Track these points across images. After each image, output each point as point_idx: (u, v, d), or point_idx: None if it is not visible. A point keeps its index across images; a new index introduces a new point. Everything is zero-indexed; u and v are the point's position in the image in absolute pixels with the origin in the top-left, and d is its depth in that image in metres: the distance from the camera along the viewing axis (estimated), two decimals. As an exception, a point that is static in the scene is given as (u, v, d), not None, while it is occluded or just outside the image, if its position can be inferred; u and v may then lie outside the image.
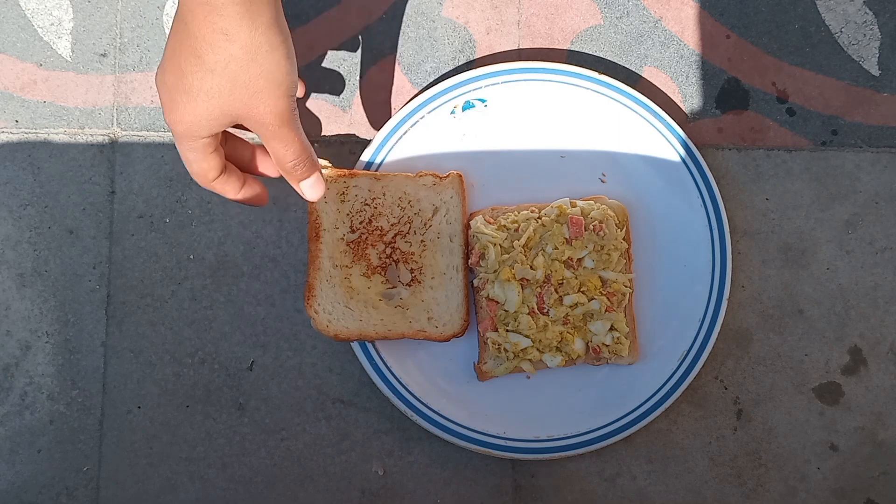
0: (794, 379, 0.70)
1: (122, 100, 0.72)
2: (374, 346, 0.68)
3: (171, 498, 0.69)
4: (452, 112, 0.70)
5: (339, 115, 0.72)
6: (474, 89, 0.70)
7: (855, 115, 0.72)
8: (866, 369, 0.71)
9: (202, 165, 0.59)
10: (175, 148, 0.71)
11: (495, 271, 0.68)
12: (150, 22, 0.72)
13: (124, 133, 0.72)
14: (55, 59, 0.72)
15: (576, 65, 0.70)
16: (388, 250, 0.68)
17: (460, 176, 0.69)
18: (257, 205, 0.64)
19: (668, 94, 0.72)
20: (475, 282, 0.69)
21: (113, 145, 0.71)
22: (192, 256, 0.71)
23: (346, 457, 0.69)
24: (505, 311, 0.68)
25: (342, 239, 0.68)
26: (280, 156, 0.59)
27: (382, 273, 0.68)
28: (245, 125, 0.57)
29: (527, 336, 0.68)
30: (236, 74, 0.54)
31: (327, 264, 0.67)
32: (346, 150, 0.72)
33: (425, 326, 0.67)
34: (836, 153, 0.72)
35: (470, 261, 0.69)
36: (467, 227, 0.69)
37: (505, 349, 0.68)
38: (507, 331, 0.68)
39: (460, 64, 0.72)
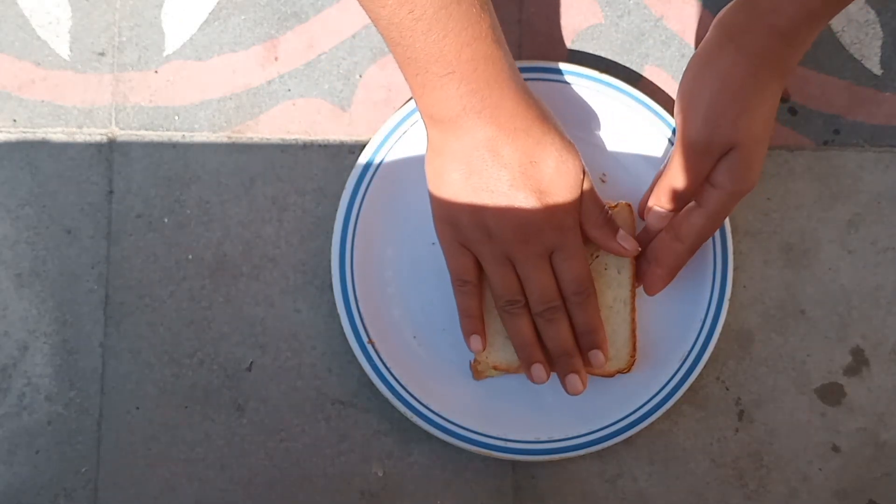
0: (796, 380, 0.70)
1: (121, 99, 0.71)
2: (373, 346, 0.67)
3: (170, 499, 0.69)
4: (453, 111, 0.70)
5: (339, 114, 0.71)
6: (475, 88, 0.69)
7: (857, 115, 0.72)
8: (868, 370, 0.70)
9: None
10: (174, 147, 0.71)
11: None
12: (148, 21, 0.72)
13: (122, 132, 0.71)
14: (53, 58, 0.71)
15: (576, 64, 0.70)
16: None
17: (629, 206, 0.66)
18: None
19: (670, 94, 0.72)
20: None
21: (111, 145, 0.71)
22: (190, 257, 0.70)
23: (345, 458, 0.69)
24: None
25: None
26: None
27: None
28: None
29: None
30: None
31: (488, 295, 0.66)
32: (345, 149, 0.71)
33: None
34: (838, 153, 0.72)
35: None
36: (636, 259, 0.66)
37: (505, 350, 0.68)
38: (508, 331, 0.67)
39: (460, 63, 0.72)
